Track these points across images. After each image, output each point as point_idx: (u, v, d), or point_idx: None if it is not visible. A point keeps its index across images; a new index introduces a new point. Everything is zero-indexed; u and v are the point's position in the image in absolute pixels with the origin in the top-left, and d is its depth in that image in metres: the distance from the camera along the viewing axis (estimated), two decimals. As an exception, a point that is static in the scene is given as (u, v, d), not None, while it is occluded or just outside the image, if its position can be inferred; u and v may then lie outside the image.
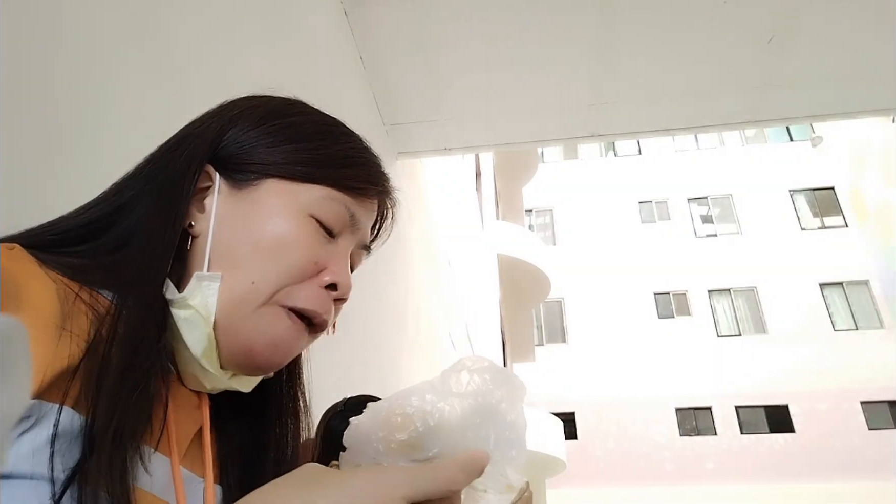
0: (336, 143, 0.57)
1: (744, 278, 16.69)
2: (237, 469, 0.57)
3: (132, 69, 1.13)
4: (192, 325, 0.50)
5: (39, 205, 0.56)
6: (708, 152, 18.75)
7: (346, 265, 0.56)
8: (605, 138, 3.79)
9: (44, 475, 0.38)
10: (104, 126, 1.02)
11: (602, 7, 2.80)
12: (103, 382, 0.42)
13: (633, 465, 15.11)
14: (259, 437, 0.60)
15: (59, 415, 0.39)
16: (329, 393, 1.50)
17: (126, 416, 0.42)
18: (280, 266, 0.51)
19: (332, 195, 0.54)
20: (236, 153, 0.54)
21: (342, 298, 0.56)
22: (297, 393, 0.63)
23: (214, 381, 0.52)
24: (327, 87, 2.49)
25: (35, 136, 0.89)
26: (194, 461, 0.52)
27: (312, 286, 0.53)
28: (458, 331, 6.58)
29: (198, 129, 0.56)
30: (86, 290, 0.45)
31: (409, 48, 3.01)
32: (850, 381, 14.98)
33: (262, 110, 0.57)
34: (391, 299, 3.41)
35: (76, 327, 0.42)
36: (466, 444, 0.44)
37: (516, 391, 0.49)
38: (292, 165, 0.54)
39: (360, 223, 0.57)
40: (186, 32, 1.35)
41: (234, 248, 0.51)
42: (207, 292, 0.50)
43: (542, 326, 17.32)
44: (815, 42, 3.00)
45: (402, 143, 3.68)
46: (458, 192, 7.35)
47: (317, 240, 0.53)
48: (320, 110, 0.61)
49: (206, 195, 0.54)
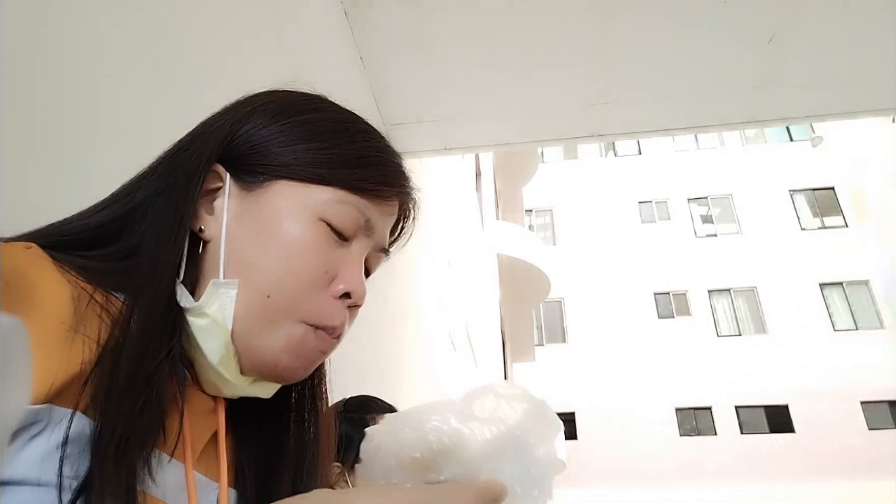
0: (350, 143, 0.54)
1: (744, 278, 16.69)
2: (253, 474, 0.56)
3: (131, 69, 1.13)
4: (208, 333, 0.49)
5: (38, 204, 0.55)
6: (708, 152, 18.75)
7: (359, 271, 0.53)
8: (605, 138, 3.78)
9: (51, 482, 0.37)
10: (102, 126, 1.02)
11: (602, 7, 2.80)
12: (112, 389, 0.41)
13: (633, 465, 15.11)
14: (277, 442, 0.58)
15: (70, 421, 0.38)
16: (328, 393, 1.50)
17: (131, 423, 0.41)
18: (292, 277, 0.49)
19: (344, 198, 0.52)
20: (247, 153, 0.52)
21: (357, 306, 0.54)
22: (319, 397, 0.61)
23: (233, 388, 0.51)
24: (327, 87, 2.48)
25: (33, 136, 0.89)
26: (209, 465, 0.51)
27: (326, 297, 0.51)
28: (458, 331, 6.58)
29: (212, 126, 0.54)
30: (100, 292, 0.44)
31: (409, 48, 3.01)
32: (850, 381, 14.99)
33: (276, 106, 0.54)
34: (391, 299, 3.41)
35: (90, 331, 0.42)
36: (484, 474, 0.41)
37: (550, 427, 0.45)
38: (303, 167, 0.51)
39: (376, 226, 0.54)
40: (185, 32, 1.35)
41: (245, 254, 0.50)
42: (225, 300, 0.48)
43: (542, 326, 17.32)
44: (815, 42, 2.99)
45: (401, 143, 3.67)
46: (458, 192, 7.35)
47: (328, 245, 0.51)
48: (340, 106, 0.58)
49: (216, 197, 0.52)
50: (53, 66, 0.93)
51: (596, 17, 2.85)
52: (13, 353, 0.31)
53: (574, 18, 2.85)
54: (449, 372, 5.70)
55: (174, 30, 1.29)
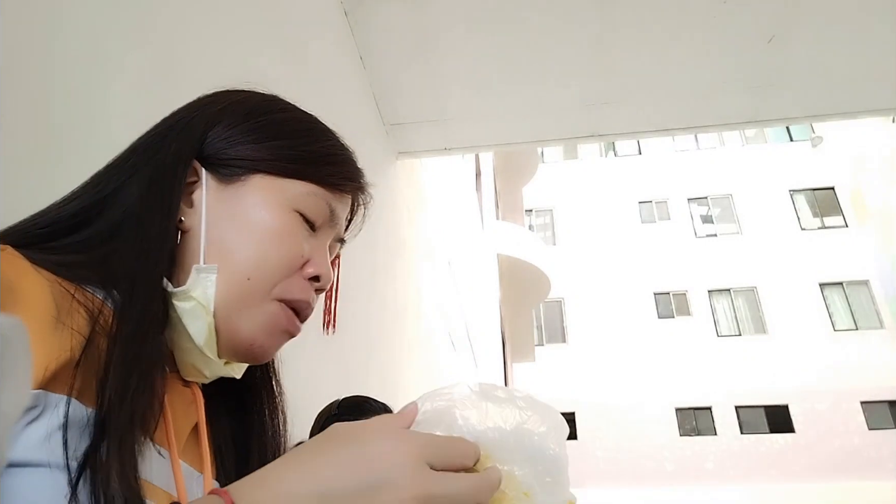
0: (318, 141, 0.59)
1: (744, 278, 16.69)
2: (232, 461, 0.60)
3: (130, 69, 1.13)
4: (194, 315, 0.52)
5: (36, 204, 0.55)
6: (708, 152, 18.74)
7: (326, 257, 0.58)
8: (605, 138, 3.79)
9: (56, 463, 0.39)
10: (101, 125, 1.02)
11: (602, 7, 2.80)
12: (109, 374, 0.43)
13: (633, 465, 15.11)
14: (245, 425, 0.62)
15: (67, 405, 0.40)
16: (328, 393, 1.50)
17: (136, 404, 0.43)
18: (272, 259, 0.53)
19: (315, 191, 0.56)
20: (223, 149, 0.56)
21: (323, 289, 0.58)
22: (272, 376, 0.66)
23: (214, 368, 0.55)
24: (327, 87, 2.49)
25: (31, 135, 0.89)
26: (193, 457, 0.54)
27: (299, 278, 0.55)
28: (458, 331, 6.58)
29: (181, 121, 0.57)
30: (80, 290, 0.46)
31: (409, 48, 3.01)
32: (850, 381, 14.99)
33: (244, 106, 0.58)
34: (391, 299, 3.41)
35: (74, 323, 0.43)
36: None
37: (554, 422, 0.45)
38: (279, 162, 0.56)
39: (338, 218, 0.60)
40: (185, 31, 1.35)
41: (225, 241, 0.53)
42: (207, 283, 0.52)
43: (542, 326, 17.32)
44: (815, 42, 3.00)
45: (402, 143, 3.68)
46: (458, 192, 7.35)
47: (301, 233, 0.55)
48: (297, 106, 0.62)
49: (192, 190, 0.55)
50: (54, 66, 0.93)
51: (596, 17, 2.85)
52: (13, 350, 0.31)
53: (574, 19, 2.85)
54: (449, 372, 5.70)
55: (174, 29, 1.29)
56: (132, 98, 1.11)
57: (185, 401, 0.54)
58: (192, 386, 0.56)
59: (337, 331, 0.68)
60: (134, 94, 1.12)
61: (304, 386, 1.80)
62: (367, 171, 0.65)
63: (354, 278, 2.42)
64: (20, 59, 0.86)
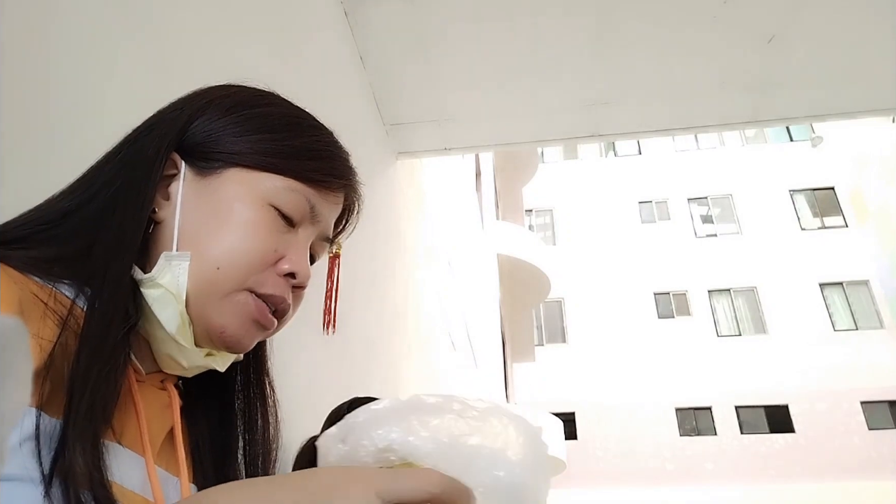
0: (302, 136, 0.58)
1: (744, 278, 16.68)
2: (210, 465, 0.59)
3: (129, 69, 1.13)
4: (163, 303, 0.51)
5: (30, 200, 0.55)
6: (708, 152, 18.74)
7: (304, 255, 0.57)
8: (605, 138, 3.79)
9: (27, 476, 0.38)
10: (100, 125, 1.02)
11: (602, 7, 2.80)
12: (77, 366, 0.42)
13: (634, 466, 15.11)
14: (228, 430, 0.61)
15: (38, 417, 0.40)
16: (328, 393, 1.50)
17: (96, 395, 0.42)
18: (242, 251, 0.52)
19: (293, 186, 0.55)
20: (203, 142, 0.55)
21: (301, 286, 0.57)
22: (264, 379, 0.64)
23: (191, 357, 0.54)
24: (327, 87, 2.49)
25: (29, 134, 0.89)
26: (169, 460, 0.53)
27: (271, 273, 0.54)
28: (458, 331, 6.58)
29: (168, 115, 0.57)
30: (53, 294, 0.45)
31: (409, 48, 3.01)
32: (850, 381, 14.98)
33: (231, 100, 0.58)
34: (391, 299, 3.41)
35: (42, 331, 0.43)
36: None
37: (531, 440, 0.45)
38: (256, 155, 0.55)
39: (322, 215, 0.58)
40: (185, 31, 1.35)
41: (198, 232, 0.53)
42: (178, 271, 0.51)
43: (542, 326, 17.31)
44: (815, 42, 2.99)
45: (402, 143, 3.67)
46: (458, 192, 7.35)
47: (276, 228, 0.54)
48: (292, 103, 0.61)
49: (170, 182, 0.55)
50: (55, 66, 0.93)
51: (596, 16, 2.85)
52: (12, 352, 0.31)
53: (574, 18, 2.85)
54: (449, 372, 5.70)
55: (174, 29, 1.29)
56: (129, 98, 1.11)
57: (161, 404, 0.54)
58: (169, 388, 0.56)
59: (337, 331, 0.68)
60: (131, 94, 1.12)
61: (303, 386, 1.80)
62: (367, 171, 0.65)
63: (354, 278, 2.42)
64: (16, 57, 0.86)
